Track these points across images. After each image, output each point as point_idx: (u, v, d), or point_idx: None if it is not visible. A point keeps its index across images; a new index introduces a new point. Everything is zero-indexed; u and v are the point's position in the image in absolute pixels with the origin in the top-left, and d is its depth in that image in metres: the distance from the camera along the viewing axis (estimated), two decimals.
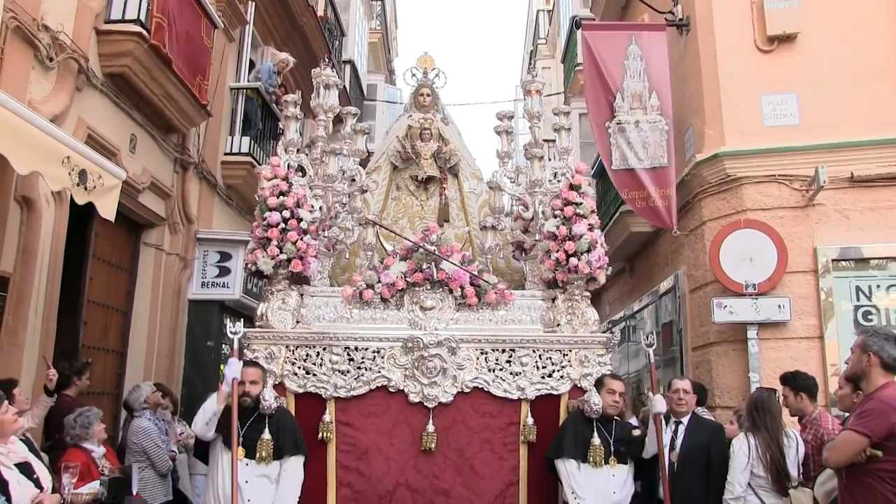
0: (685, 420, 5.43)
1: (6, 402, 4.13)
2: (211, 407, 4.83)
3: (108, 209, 5.63)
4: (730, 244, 7.26)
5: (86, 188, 5.25)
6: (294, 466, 4.95)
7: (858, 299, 7.19)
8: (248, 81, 11.20)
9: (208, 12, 8.78)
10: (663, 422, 5.24)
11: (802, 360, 7.00)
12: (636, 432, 5.29)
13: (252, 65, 11.83)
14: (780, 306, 7.06)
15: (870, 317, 7.13)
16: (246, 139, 10.75)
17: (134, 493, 5.68)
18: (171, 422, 7.03)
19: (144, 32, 7.26)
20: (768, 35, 7.76)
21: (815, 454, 5.05)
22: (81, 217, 7.05)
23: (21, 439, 4.53)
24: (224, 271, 9.86)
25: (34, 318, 6.30)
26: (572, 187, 5.71)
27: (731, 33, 7.93)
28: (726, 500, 5.01)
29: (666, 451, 5.25)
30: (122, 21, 7.25)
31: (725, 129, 7.71)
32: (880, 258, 7.21)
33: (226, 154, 10.60)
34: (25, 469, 4.22)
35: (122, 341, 8.50)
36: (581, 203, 5.63)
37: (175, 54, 7.82)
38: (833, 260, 7.19)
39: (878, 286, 7.19)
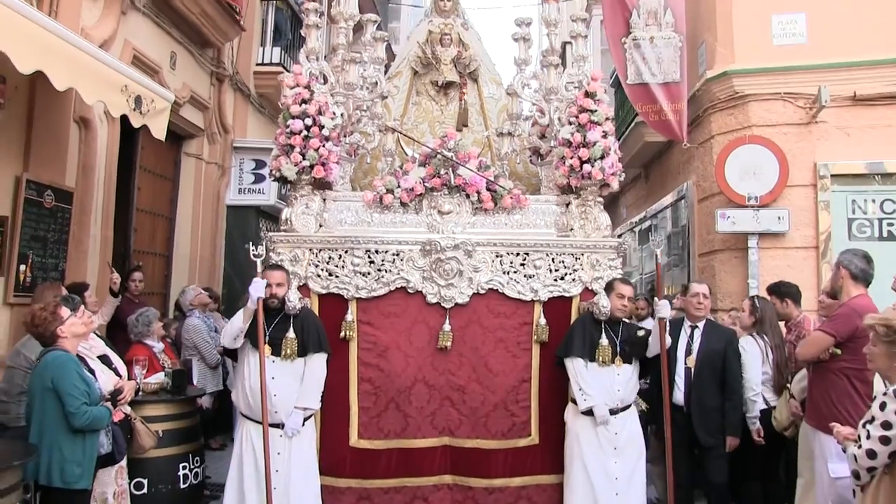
0: (701, 325, 5.60)
1: (82, 305, 4.74)
2: (237, 324, 5.03)
3: (159, 130, 6.18)
4: (735, 158, 7.68)
5: (141, 112, 5.77)
6: (318, 363, 5.15)
7: (853, 213, 7.64)
8: None
9: None
10: (673, 326, 5.46)
11: (799, 268, 7.52)
12: (640, 333, 5.38)
13: None
14: (779, 218, 7.54)
15: (863, 229, 7.60)
16: (277, 49, 11.17)
17: (194, 383, 6.46)
18: (220, 320, 7.80)
19: None
20: None
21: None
22: (128, 131, 7.60)
23: (97, 335, 5.27)
24: (259, 178, 10.48)
25: (94, 227, 6.99)
26: (587, 94, 5.69)
27: None
28: (748, 398, 5.47)
29: (681, 354, 5.51)
30: None
31: (736, 46, 7.99)
32: (877, 174, 7.60)
33: (258, 65, 11.06)
34: (105, 361, 4.96)
35: (167, 245, 9.25)
36: (596, 110, 5.61)
37: None
38: (832, 175, 7.60)
39: (874, 200, 7.62)
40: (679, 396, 5.50)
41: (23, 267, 6.03)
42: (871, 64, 7.57)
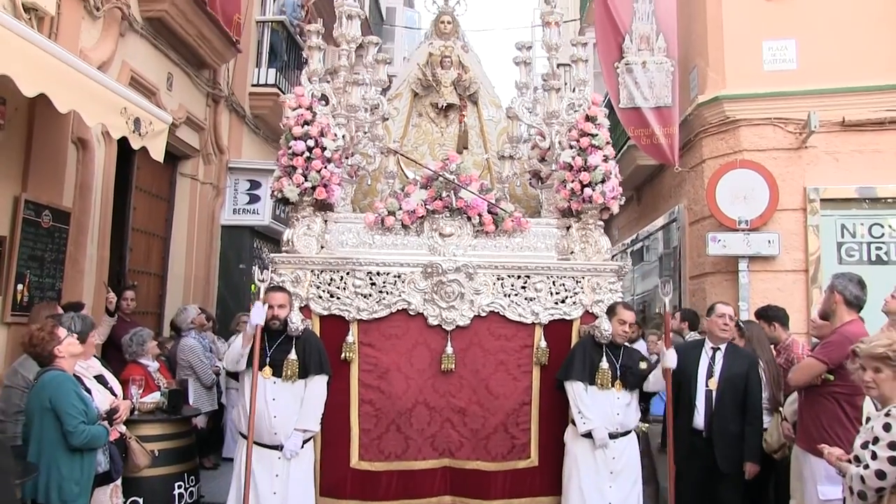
0: (723, 347, 5.43)
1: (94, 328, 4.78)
2: (237, 349, 5.05)
3: (157, 152, 6.22)
4: (725, 182, 7.80)
5: (140, 134, 5.82)
6: (318, 384, 5.14)
7: (843, 236, 7.74)
8: (273, 14, 11.61)
9: None
10: (691, 348, 5.51)
11: (789, 291, 7.63)
12: (643, 365, 5.35)
13: None
14: (769, 241, 7.64)
15: (852, 252, 7.70)
16: (272, 71, 11.25)
17: (189, 403, 6.47)
18: (216, 341, 7.82)
19: None
20: None
21: (787, 376, 5.55)
22: (125, 152, 7.65)
23: (93, 355, 5.29)
24: (254, 198, 10.54)
25: (91, 246, 7.02)
26: (588, 118, 5.71)
27: None
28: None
29: (702, 377, 5.36)
30: None
31: (727, 72, 8.14)
32: (865, 199, 7.71)
33: (253, 86, 11.15)
34: (100, 380, 4.97)
35: (162, 265, 9.27)
36: (597, 134, 5.64)
37: None
38: (821, 199, 7.71)
39: (862, 224, 7.73)
40: (699, 421, 5.32)
41: (20, 286, 6.04)
42: (860, 90, 7.71)
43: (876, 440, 3.29)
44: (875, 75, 7.66)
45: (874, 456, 3.27)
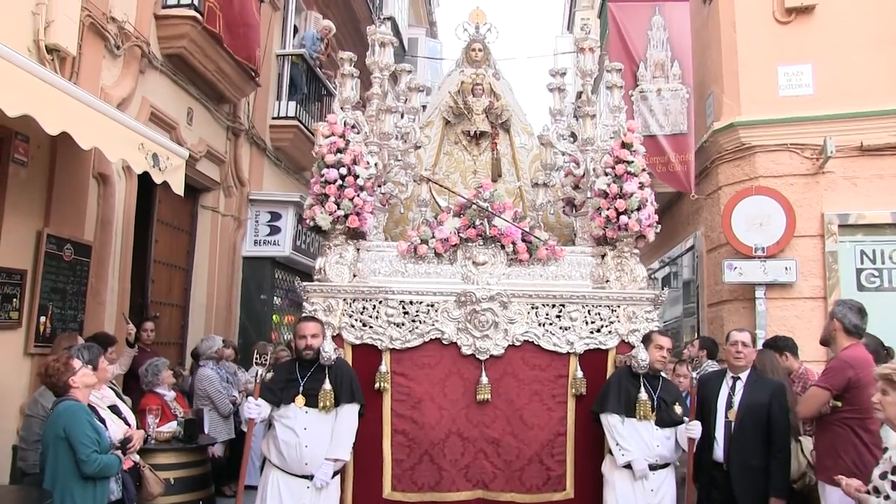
0: (744, 376, 5.23)
1: (102, 356, 4.89)
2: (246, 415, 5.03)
3: (178, 185, 6.38)
4: (741, 210, 7.77)
5: (159, 169, 5.98)
6: (349, 413, 5.04)
7: (862, 262, 7.66)
8: (293, 47, 11.82)
9: None
10: (713, 378, 5.41)
11: (807, 318, 7.55)
12: (678, 409, 5.19)
13: (296, 30, 12.43)
14: (786, 268, 7.58)
15: (872, 279, 7.61)
16: (292, 104, 11.43)
17: (205, 432, 6.55)
18: (236, 371, 7.91)
19: (198, 16, 7.94)
20: (786, 6, 8.09)
21: None
22: (146, 186, 7.81)
23: (111, 386, 5.40)
24: (274, 230, 10.67)
25: (112, 279, 7.16)
26: (624, 145, 5.64)
27: (750, 4, 8.28)
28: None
29: (722, 408, 5.19)
30: (178, 6, 7.95)
31: (742, 98, 8.13)
32: (885, 224, 7.63)
33: (273, 118, 11.33)
34: (114, 411, 5.07)
35: (184, 296, 9.40)
36: (632, 161, 5.56)
37: (226, 32, 8.47)
38: (839, 225, 7.65)
39: (883, 251, 7.64)
40: (719, 453, 5.13)
41: (43, 318, 6.18)
42: (878, 114, 7.67)
43: (895, 470, 3.26)
44: (892, 99, 7.61)
45: (894, 486, 3.24)
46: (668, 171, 8.46)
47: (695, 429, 4.99)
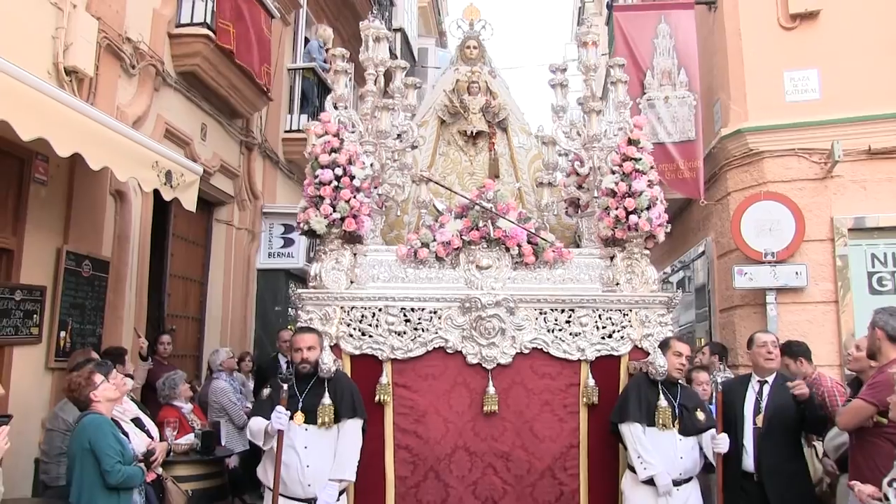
0: (770, 379, 5.14)
1: (114, 369, 4.96)
2: (260, 429, 4.72)
3: (190, 202, 6.51)
4: (750, 215, 7.78)
5: (171, 186, 6.10)
6: (352, 430, 4.77)
7: (873, 266, 7.66)
8: (303, 61, 11.96)
9: (266, 5, 9.51)
10: (737, 385, 5.32)
11: (819, 322, 7.55)
12: (700, 415, 4.99)
13: (307, 42, 12.56)
14: (797, 273, 7.59)
15: (884, 282, 7.62)
16: (304, 116, 11.55)
17: (222, 444, 6.65)
18: (245, 382, 8.01)
19: (211, 33, 8.09)
20: (791, 12, 8.11)
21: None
22: (162, 201, 7.88)
23: (131, 399, 5.51)
24: (288, 242, 10.80)
25: (129, 293, 7.29)
26: (631, 142, 5.47)
27: (755, 11, 8.30)
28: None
29: (749, 414, 5.09)
30: (191, 24, 8.11)
31: (749, 104, 8.16)
32: (895, 227, 7.62)
33: (286, 132, 11.49)
34: (137, 423, 5.18)
35: (200, 309, 9.55)
36: (640, 158, 5.40)
37: (238, 49, 8.61)
38: (849, 229, 7.66)
39: (894, 254, 7.63)
40: (748, 462, 5.00)
41: (63, 333, 6.31)
42: (885, 118, 7.66)
43: None
44: None
45: None
46: (677, 178, 8.49)
47: (722, 443, 4.76)
